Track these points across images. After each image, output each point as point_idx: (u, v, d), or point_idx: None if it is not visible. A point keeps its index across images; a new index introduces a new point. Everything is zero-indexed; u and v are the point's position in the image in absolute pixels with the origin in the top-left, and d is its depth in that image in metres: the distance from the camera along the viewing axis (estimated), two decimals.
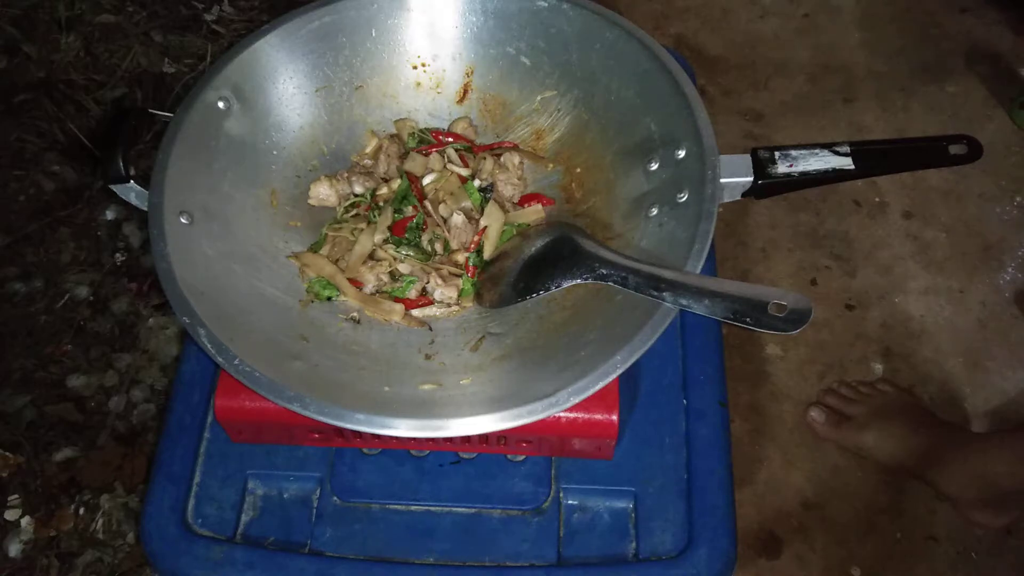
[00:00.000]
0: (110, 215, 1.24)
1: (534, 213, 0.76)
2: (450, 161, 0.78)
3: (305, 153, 0.78)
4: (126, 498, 1.03)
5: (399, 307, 0.71)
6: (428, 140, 0.80)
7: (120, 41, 1.38)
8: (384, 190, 0.77)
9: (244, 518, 0.69)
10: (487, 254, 0.74)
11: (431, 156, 0.78)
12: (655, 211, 0.69)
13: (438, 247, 0.74)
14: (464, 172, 0.77)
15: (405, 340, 0.70)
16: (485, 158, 0.78)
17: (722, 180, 0.67)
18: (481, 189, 0.77)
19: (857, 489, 1.07)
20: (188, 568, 0.66)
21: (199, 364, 0.74)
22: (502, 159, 0.78)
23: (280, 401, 0.58)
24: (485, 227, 0.74)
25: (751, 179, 0.69)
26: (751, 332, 1.21)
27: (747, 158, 0.69)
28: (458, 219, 0.74)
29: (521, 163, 0.78)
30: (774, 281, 1.23)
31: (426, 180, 0.77)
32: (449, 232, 0.74)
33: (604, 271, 0.63)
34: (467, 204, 0.76)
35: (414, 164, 0.77)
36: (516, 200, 0.78)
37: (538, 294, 0.66)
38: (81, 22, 1.39)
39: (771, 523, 1.06)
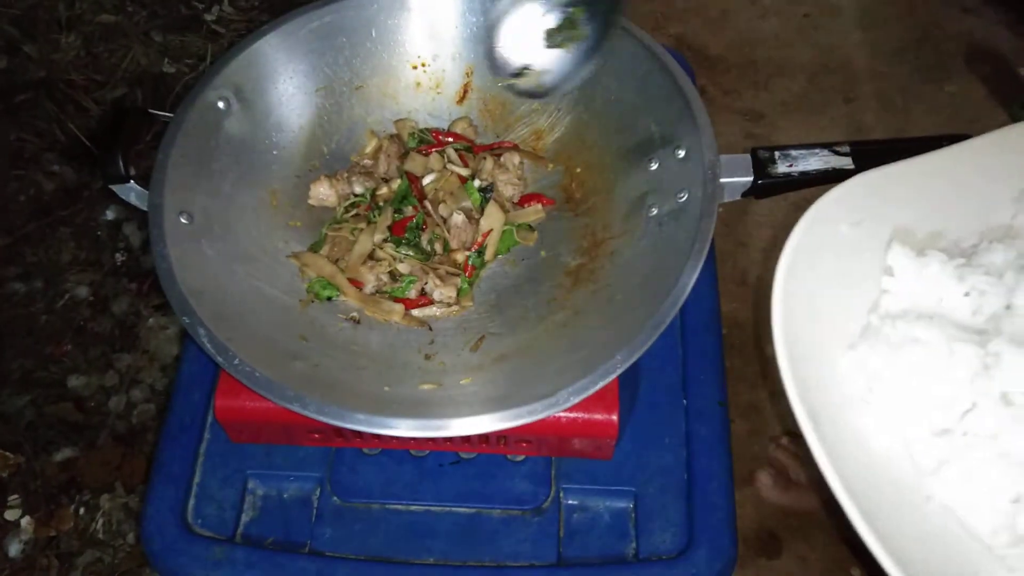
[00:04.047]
0: (110, 215, 1.24)
1: (534, 213, 0.76)
2: (450, 161, 0.78)
3: (305, 153, 0.78)
4: (126, 498, 1.03)
5: (399, 307, 0.71)
6: (428, 140, 0.80)
7: (120, 41, 1.38)
8: (384, 190, 0.77)
9: (244, 518, 0.69)
10: (488, 255, 0.74)
11: (431, 156, 0.78)
12: (655, 211, 0.69)
13: (437, 247, 0.74)
14: (464, 172, 0.77)
15: (405, 340, 0.70)
16: (485, 158, 0.78)
17: (722, 180, 0.67)
18: (481, 189, 0.77)
19: None
20: (188, 568, 0.66)
21: (199, 364, 0.74)
22: (502, 159, 0.78)
23: (280, 401, 0.58)
24: (490, 230, 0.74)
25: (751, 179, 0.69)
26: (751, 332, 1.21)
27: (747, 158, 0.69)
28: (458, 219, 0.74)
29: (521, 163, 0.78)
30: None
31: (426, 180, 0.77)
32: (449, 232, 0.74)
33: None
34: (467, 204, 0.76)
35: (414, 164, 0.77)
36: (516, 200, 0.78)
37: None
38: (81, 22, 1.39)
39: (771, 523, 1.06)
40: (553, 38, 0.71)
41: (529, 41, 0.72)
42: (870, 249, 0.61)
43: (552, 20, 0.71)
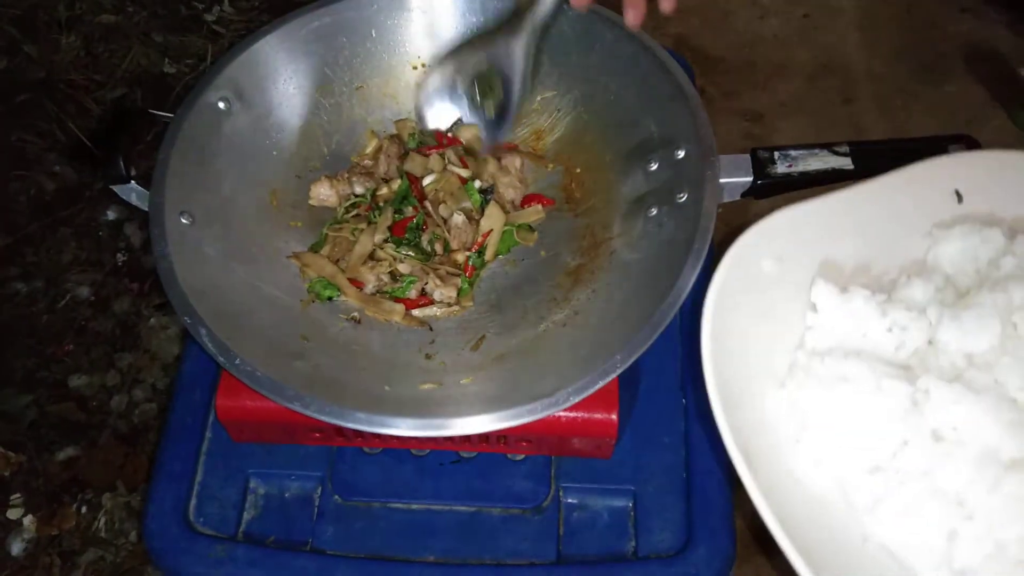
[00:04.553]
0: (111, 215, 1.24)
1: (534, 213, 0.76)
2: (450, 162, 0.78)
3: (305, 153, 0.78)
4: (128, 497, 1.03)
5: (399, 307, 0.71)
6: (428, 141, 0.80)
7: (120, 41, 1.38)
8: (384, 190, 0.77)
9: (246, 517, 0.69)
10: (489, 256, 0.74)
11: (431, 157, 0.78)
12: (655, 211, 0.69)
13: (438, 247, 0.74)
14: (464, 173, 0.78)
15: (405, 340, 0.70)
16: (487, 160, 0.78)
17: (722, 180, 0.67)
18: (482, 191, 0.77)
19: None
20: (190, 566, 0.66)
21: (200, 363, 0.74)
22: (503, 162, 0.78)
23: (281, 401, 0.58)
24: (490, 231, 0.74)
25: (751, 179, 0.69)
26: None
27: (747, 158, 0.70)
28: (458, 219, 0.74)
29: (522, 166, 0.79)
30: None
31: (426, 180, 0.77)
32: (449, 232, 0.74)
33: None
34: (467, 204, 0.76)
35: (414, 164, 0.78)
36: (518, 203, 0.78)
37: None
38: (81, 22, 1.39)
39: None
40: (476, 103, 0.75)
41: (457, 103, 0.77)
42: (794, 285, 0.60)
43: (472, 89, 0.75)
